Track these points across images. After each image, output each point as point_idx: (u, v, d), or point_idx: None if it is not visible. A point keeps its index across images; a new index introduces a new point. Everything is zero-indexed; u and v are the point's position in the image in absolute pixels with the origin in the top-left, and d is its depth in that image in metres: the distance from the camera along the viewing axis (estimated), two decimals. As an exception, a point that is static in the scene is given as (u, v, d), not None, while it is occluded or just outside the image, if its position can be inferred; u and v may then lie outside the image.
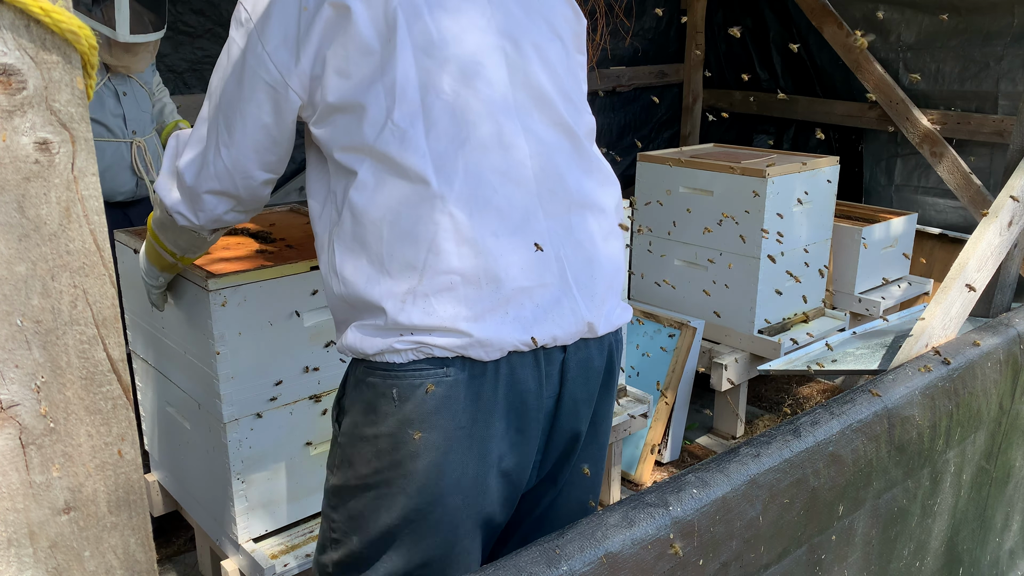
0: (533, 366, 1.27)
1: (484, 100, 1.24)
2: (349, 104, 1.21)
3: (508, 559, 1.14)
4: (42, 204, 0.66)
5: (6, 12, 0.61)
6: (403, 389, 1.21)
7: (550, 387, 1.31)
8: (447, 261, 1.20)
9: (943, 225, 4.27)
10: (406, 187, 1.20)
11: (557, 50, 1.36)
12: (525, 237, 1.26)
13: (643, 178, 3.52)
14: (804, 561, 1.54)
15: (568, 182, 1.31)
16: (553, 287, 1.28)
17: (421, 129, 1.21)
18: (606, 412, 1.45)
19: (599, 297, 1.34)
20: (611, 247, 1.38)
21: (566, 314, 1.29)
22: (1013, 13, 3.77)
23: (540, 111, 1.31)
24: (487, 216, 1.22)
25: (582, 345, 1.33)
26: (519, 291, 1.24)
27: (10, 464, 0.67)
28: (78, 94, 0.67)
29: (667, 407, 3.16)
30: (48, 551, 0.70)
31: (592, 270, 1.33)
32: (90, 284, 0.69)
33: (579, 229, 1.32)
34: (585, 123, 1.39)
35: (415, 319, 1.20)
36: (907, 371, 1.77)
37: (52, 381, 0.68)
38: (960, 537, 2.02)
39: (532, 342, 1.25)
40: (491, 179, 1.24)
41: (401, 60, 1.20)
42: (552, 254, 1.28)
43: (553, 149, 1.30)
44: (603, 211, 1.37)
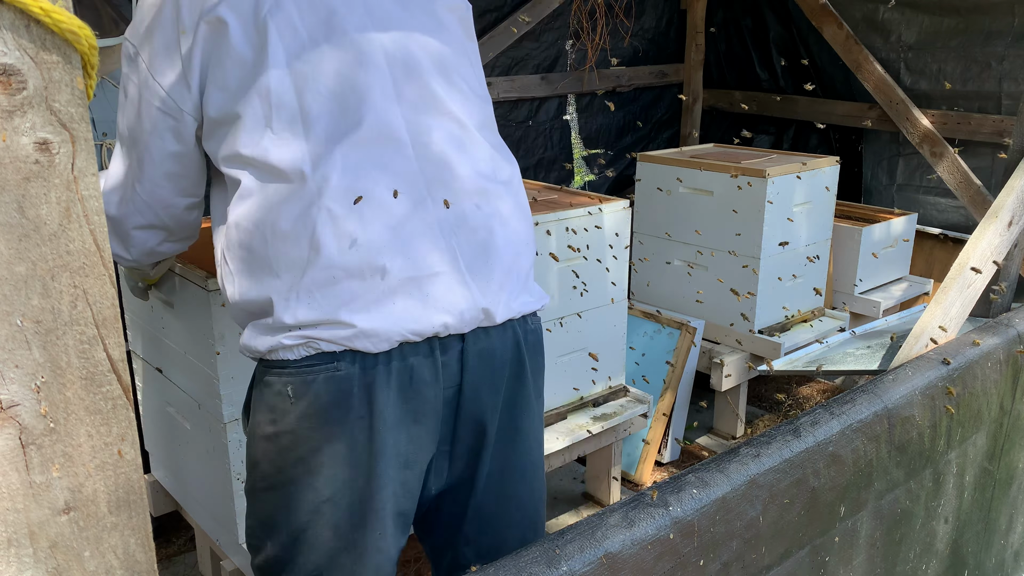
0: (427, 356, 1.28)
1: (362, 96, 1.26)
2: (228, 116, 1.24)
3: (508, 559, 1.14)
4: (42, 204, 0.66)
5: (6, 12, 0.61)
6: (297, 386, 1.23)
7: (448, 377, 1.31)
8: (327, 256, 1.21)
9: (945, 225, 4.27)
10: (285, 189, 1.22)
11: (442, 39, 1.37)
12: (412, 227, 1.27)
13: (643, 178, 3.52)
14: (807, 563, 1.54)
15: (458, 170, 1.32)
16: (445, 275, 1.28)
17: (300, 131, 1.23)
18: (524, 405, 1.42)
19: (496, 283, 1.34)
20: (511, 232, 1.37)
21: (458, 302, 1.29)
22: (1014, 13, 3.77)
23: (424, 102, 1.32)
24: (369, 209, 1.24)
25: (481, 334, 1.33)
26: (407, 281, 1.25)
27: (10, 464, 0.67)
28: (78, 94, 0.67)
29: (667, 407, 3.16)
30: (48, 551, 0.70)
31: (488, 256, 1.33)
32: (90, 284, 0.69)
33: (472, 216, 1.32)
34: (478, 110, 1.40)
35: (300, 315, 1.22)
36: (907, 371, 1.77)
37: (52, 381, 0.68)
38: (965, 539, 2.02)
39: (421, 332, 1.26)
40: (372, 172, 1.25)
41: (274, 67, 1.22)
42: (443, 242, 1.29)
43: (439, 139, 1.31)
44: (499, 197, 1.37)
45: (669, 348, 3.26)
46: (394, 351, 1.25)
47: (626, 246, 2.68)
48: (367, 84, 1.26)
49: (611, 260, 2.65)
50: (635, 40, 4.71)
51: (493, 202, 1.35)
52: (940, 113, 4.08)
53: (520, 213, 1.41)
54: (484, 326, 1.33)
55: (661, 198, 3.46)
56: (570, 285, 2.56)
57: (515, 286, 1.37)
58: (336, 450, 1.24)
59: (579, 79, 4.52)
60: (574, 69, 4.52)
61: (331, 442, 1.24)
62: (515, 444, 1.41)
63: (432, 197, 1.29)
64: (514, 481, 1.42)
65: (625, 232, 2.67)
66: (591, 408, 2.71)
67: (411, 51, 1.32)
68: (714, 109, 5.21)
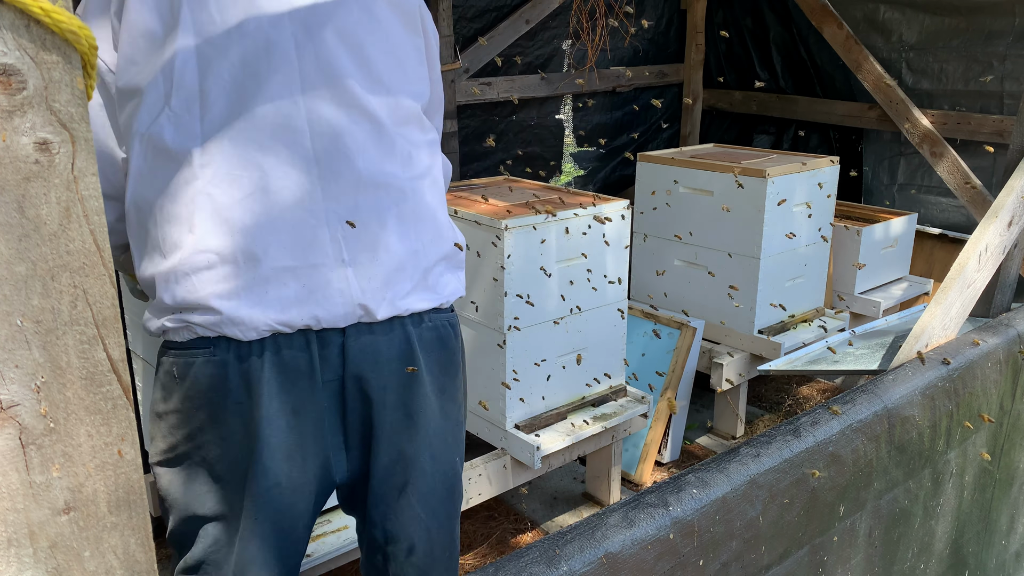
0: (303, 347, 1.29)
1: (263, 84, 1.26)
2: (132, 89, 1.25)
3: (508, 559, 1.14)
4: (42, 204, 0.66)
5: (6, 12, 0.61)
6: (181, 367, 1.26)
7: (329, 370, 1.31)
8: (204, 240, 1.22)
9: (946, 224, 4.27)
10: (173, 170, 1.23)
11: (370, 31, 1.35)
12: (293, 217, 1.26)
13: (643, 178, 3.52)
14: (806, 562, 1.54)
15: (357, 163, 1.31)
16: (325, 268, 1.28)
17: (197, 113, 1.24)
18: (421, 403, 1.40)
19: (381, 280, 1.32)
20: (408, 229, 1.36)
21: (334, 295, 1.28)
22: (1014, 12, 3.77)
23: (332, 93, 1.30)
24: (250, 196, 1.24)
25: (364, 330, 1.33)
26: (281, 270, 1.25)
27: (10, 464, 0.67)
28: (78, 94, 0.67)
29: (667, 407, 3.16)
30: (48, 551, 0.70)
31: (376, 252, 1.32)
32: (90, 284, 0.69)
33: (366, 210, 1.31)
34: (398, 106, 1.38)
35: (178, 297, 1.23)
36: (907, 371, 1.77)
37: (52, 381, 0.68)
38: (965, 539, 2.02)
39: (290, 323, 1.26)
40: (260, 160, 1.25)
41: (181, 46, 1.23)
42: (327, 235, 1.28)
43: (343, 131, 1.30)
44: (402, 193, 1.35)
45: (669, 348, 3.26)
46: (267, 341, 1.26)
47: (626, 246, 2.68)
48: (269, 73, 1.26)
49: (611, 260, 2.65)
50: (635, 40, 4.72)
51: (394, 198, 1.34)
52: (940, 113, 4.08)
53: (425, 211, 1.39)
54: (366, 322, 1.32)
55: (661, 198, 3.46)
56: (570, 285, 2.56)
57: (407, 283, 1.36)
58: (220, 432, 1.27)
59: (579, 79, 4.52)
60: (574, 69, 4.52)
61: (214, 424, 1.27)
62: (412, 440, 1.40)
63: (324, 190, 1.29)
64: (413, 475, 1.41)
65: (625, 232, 2.67)
66: (591, 408, 2.71)
67: (327, 43, 1.30)
68: (714, 109, 5.21)
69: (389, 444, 1.38)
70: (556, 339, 2.57)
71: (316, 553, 1.98)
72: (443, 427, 1.44)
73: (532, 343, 2.51)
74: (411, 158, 1.38)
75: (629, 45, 4.72)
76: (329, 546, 2.01)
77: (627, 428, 2.85)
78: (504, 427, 2.52)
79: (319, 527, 2.08)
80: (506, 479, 2.55)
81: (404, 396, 1.38)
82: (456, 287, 1.46)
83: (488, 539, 2.79)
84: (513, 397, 2.51)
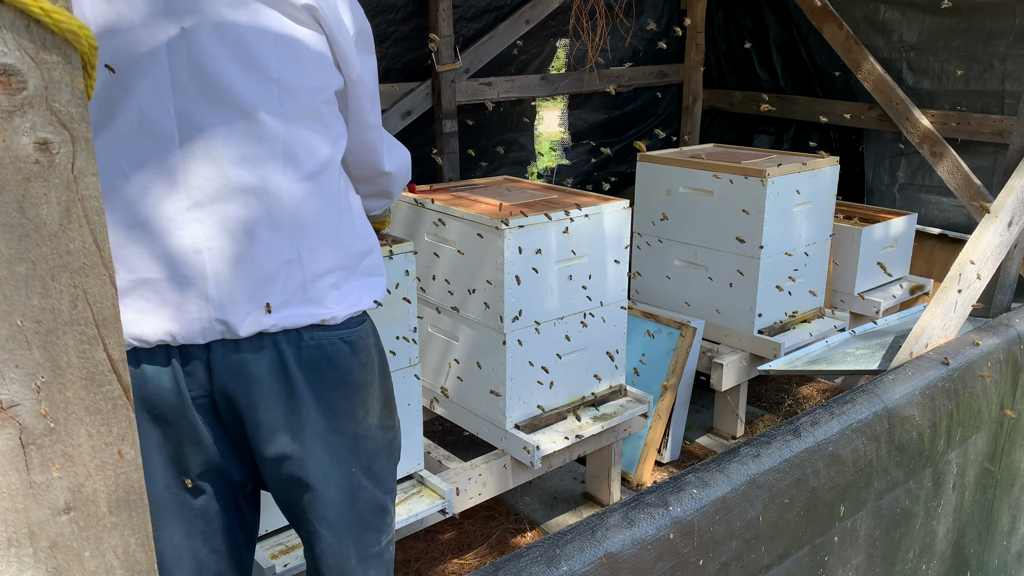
0: (163, 362, 1.25)
1: (130, 88, 1.20)
2: None
3: (508, 559, 1.14)
4: (42, 204, 0.66)
5: (6, 12, 0.61)
6: None
7: (196, 386, 1.28)
8: None
9: (947, 224, 4.27)
10: None
11: (258, 24, 1.25)
12: (156, 227, 1.21)
13: (643, 178, 3.52)
14: (806, 562, 1.54)
15: (227, 170, 1.23)
16: (185, 281, 1.23)
17: None
18: (301, 425, 1.33)
19: (245, 294, 1.25)
20: (283, 239, 1.28)
21: (191, 311, 1.23)
22: (1015, 12, 3.77)
23: (206, 94, 1.23)
24: (113, 207, 1.20)
25: (231, 347, 1.27)
26: (139, 283, 1.21)
27: (10, 464, 0.67)
28: (78, 94, 0.67)
29: (667, 407, 3.16)
30: (48, 551, 0.70)
31: (239, 265, 1.25)
32: (90, 284, 0.69)
33: (234, 219, 1.24)
34: (288, 99, 1.28)
35: None
36: (907, 371, 1.77)
37: (52, 381, 0.68)
38: (966, 540, 2.02)
39: (143, 338, 1.23)
40: (123, 167, 1.20)
41: None
42: (191, 246, 1.23)
43: (214, 135, 1.23)
44: (277, 198, 1.27)
45: (669, 348, 3.26)
46: (129, 354, 1.22)
47: (626, 246, 2.68)
48: (138, 76, 1.20)
49: (611, 260, 2.65)
50: (635, 40, 4.72)
51: (267, 205, 1.26)
52: (940, 113, 4.08)
53: (309, 216, 1.30)
54: (230, 339, 1.26)
55: (661, 198, 3.45)
56: (570, 285, 2.55)
57: (276, 297, 1.28)
58: None
59: (579, 79, 4.52)
60: (573, 69, 4.52)
61: None
62: (294, 458, 1.34)
63: (189, 196, 1.22)
64: (305, 493, 1.38)
65: (625, 232, 2.67)
66: (591, 408, 2.71)
67: (201, 40, 1.22)
68: (714, 109, 5.21)
69: (272, 462, 1.34)
70: (556, 339, 2.57)
71: (316, 553, 1.98)
72: (335, 443, 1.37)
73: (532, 343, 2.51)
74: (297, 158, 1.29)
75: (629, 45, 4.72)
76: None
77: (627, 428, 2.85)
78: (504, 427, 2.52)
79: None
80: (506, 479, 2.55)
81: (280, 414, 1.31)
82: (357, 298, 1.36)
83: (488, 539, 2.79)
84: (513, 397, 2.51)
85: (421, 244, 2.65)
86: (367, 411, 1.41)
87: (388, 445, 1.48)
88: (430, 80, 3.89)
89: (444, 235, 2.57)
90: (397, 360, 2.18)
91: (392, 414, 1.50)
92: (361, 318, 1.39)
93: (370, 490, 1.43)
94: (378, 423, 1.45)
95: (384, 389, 1.47)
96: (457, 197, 2.72)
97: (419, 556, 2.67)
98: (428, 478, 2.30)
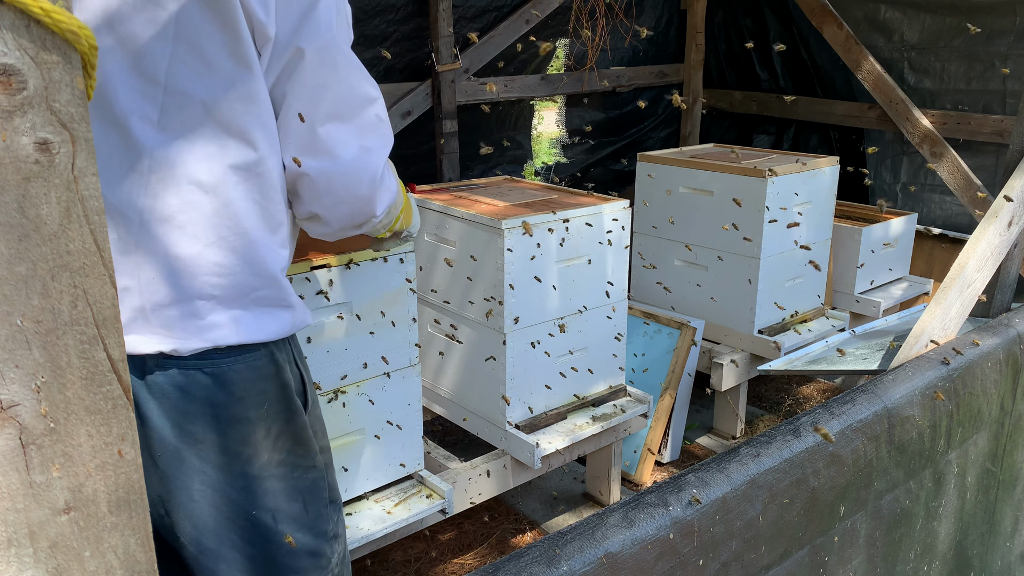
0: None
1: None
2: None
3: (508, 559, 1.14)
4: (42, 204, 0.66)
5: (6, 12, 0.61)
6: None
7: None
8: None
9: (949, 224, 4.27)
10: None
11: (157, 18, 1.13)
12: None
13: (643, 178, 3.52)
14: (807, 563, 1.54)
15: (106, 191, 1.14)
16: (126, 293, 1.19)
17: None
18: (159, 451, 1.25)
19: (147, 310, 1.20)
20: (129, 263, 1.19)
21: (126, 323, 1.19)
22: (1015, 12, 3.77)
23: (96, 105, 1.14)
24: None
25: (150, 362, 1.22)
26: None
27: (10, 464, 0.67)
28: (78, 94, 0.67)
29: (667, 407, 3.16)
30: (48, 551, 0.70)
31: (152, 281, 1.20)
32: (90, 284, 0.69)
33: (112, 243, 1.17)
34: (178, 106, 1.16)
35: None
36: (907, 371, 1.77)
37: (52, 381, 0.68)
38: (969, 541, 2.02)
39: None
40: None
41: None
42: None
43: (99, 154, 1.14)
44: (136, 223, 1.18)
45: (669, 348, 3.26)
46: None
47: (626, 246, 2.68)
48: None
49: (611, 260, 2.65)
50: (635, 40, 4.72)
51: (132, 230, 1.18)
52: (940, 113, 4.08)
53: (157, 244, 1.19)
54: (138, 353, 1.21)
55: (661, 198, 3.46)
56: (570, 285, 2.56)
57: (175, 319, 1.21)
58: None
59: (579, 79, 4.52)
60: (573, 69, 4.52)
61: None
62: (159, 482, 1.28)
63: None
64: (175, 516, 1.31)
65: (625, 232, 2.67)
66: (591, 408, 2.71)
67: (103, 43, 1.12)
68: (714, 109, 5.21)
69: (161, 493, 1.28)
70: (556, 339, 2.57)
71: (316, 553, 1.98)
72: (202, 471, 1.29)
73: (532, 343, 2.51)
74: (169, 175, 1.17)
75: (629, 45, 4.72)
76: (329, 546, 2.01)
77: (627, 428, 2.85)
78: (504, 427, 2.52)
79: (319, 527, 2.09)
80: (506, 479, 2.55)
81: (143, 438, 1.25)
82: (225, 334, 1.24)
83: (488, 539, 2.79)
84: (513, 397, 2.51)
85: (421, 244, 2.65)
86: (255, 450, 1.31)
87: (311, 486, 1.40)
88: (430, 80, 3.89)
89: (444, 235, 2.57)
90: (397, 360, 2.18)
91: (308, 453, 1.39)
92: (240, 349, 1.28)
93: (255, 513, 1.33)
94: (282, 462, 1.35)
95: (292, 425, 1.36)
96: (457, 197, 2.72)
97: (419, 556, 2.67)
98: (428, 478, 2.30)
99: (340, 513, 1.50)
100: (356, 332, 2.06)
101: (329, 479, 1.46)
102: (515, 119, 4.50)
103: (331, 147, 1.25)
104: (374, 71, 3.84)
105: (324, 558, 1.42)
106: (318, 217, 1.33)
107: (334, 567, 1.45)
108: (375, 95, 1.30)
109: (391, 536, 2.25)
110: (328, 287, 1.97)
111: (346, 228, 1.37)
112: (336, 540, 1.47)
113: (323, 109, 1.23)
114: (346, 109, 1.25)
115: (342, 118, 1.25)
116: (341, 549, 1.50)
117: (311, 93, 1.22)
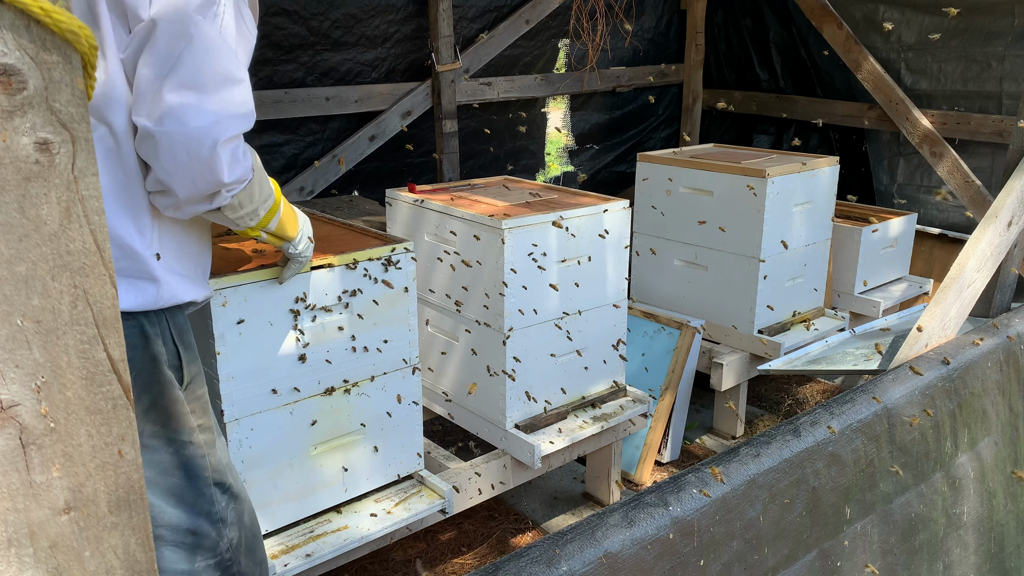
0: None
1: None
2: None
3: (508, 559, 1.14)
4: (42, 204, 0.66)
5: (6, 12, 0.61)
6: None
7: None
8: None
9: (948, 223, 4.27)
10: None
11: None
12: None
13: (643, 178, 3.52)
14: (817, 568, 1.53)
15: None
16: None
17: None
18: None
19: None
20: None
21: None
22: (1013, 13, 3.77)
23: None
24: None
25: None
26: None
27: (10, 464, 0.67)
28: (78, 94, 0.67)
29: (667, 407, 3.16)
30: (48, 551, 0.70)
31: None
32: (90, 284, 0.69)
33: None
34: None
35: None
36: (907, 371, 1.77)
37: (52, 381, 0.68)
38: (1006, 553, 1.99)
39: None
40: None
41: None
42: None
43: None
44: None
45: (669, 348, 3.26)
46: None
47: (626, 246, 2.68)
48: None
49: (611, 260, 2.65)
50: (635, 40, 4.72)
51: None
52: (940, 113, 4.08)
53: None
54: None
55: (661, 198, 3.45)
56: (570, 285, 2.55)
57: None
58: None
59: (579, 79, 4.52)
60: (573, 69, 4.52)
61: None
62: None
63: None
64: None
65: (625, 232, 2.67)
66: (591, 408, 2.71)
67: None
68: (714, 109, 5.21)
69: None
70: (556, 339, 2.57)
71: (316, 553, 1.98)
72: None
73: (533, 343, 2.50)
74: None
75: (629, 45, 4.72)
76: (329, 546, 2.01)
77: (627, 428, 2.85)
78: (504, 427, 2.52)
79: (319, 526, 2.08)
80: (506, 479, 2.55)
81: None
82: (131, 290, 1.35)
83: (488, 539, 2.79)
84: (513, 397, 2.51)
85: (421, 244, 2.65)
86: None
87: (188, 463, 1.43)
88: (430, 80, 3.89)
89: (444, 235, 2.57)
90: (397, 360, 2.18)
91: (182, 429, 1.43)
92: None
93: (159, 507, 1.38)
94: (155, 434, 1.40)
95: (164, 399, 1.40)
96: (457, 197, 2.72)
97: (419, 556, 2.67)
98: (428, 478, 2.30)
99: (234, 501, 1.53)
100: (356, 332, 2.06)
101: (212, 460, 1.48)
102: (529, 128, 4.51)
103: (180, 113, 1.26)
104: (375, 71, 3.84)
105: (208, 539, 1.45)
106: (163, 185, 1.33)
107: (223, 551, 1.47)
108: (239, 77, 1.31)
109: (391, 536, 2.25)
110: (328, 287, 1.97)
111: (193, 198, 1.35)
112: (224, 525, 1.48)
113: (174, 77, 1.26)
114: (200, 80, 1.26)
115: (194, 88, 1.26)
116: (234, 536, 1.51)
117: (161, 60, 1.26)
